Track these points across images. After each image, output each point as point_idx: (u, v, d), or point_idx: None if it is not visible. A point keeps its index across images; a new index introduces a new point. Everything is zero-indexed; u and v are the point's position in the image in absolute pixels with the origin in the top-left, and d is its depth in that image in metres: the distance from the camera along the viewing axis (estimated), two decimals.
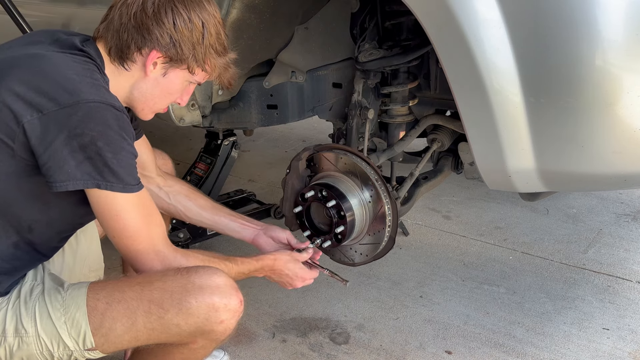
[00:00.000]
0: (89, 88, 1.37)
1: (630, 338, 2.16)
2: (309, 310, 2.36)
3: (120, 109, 1.40)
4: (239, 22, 1.95)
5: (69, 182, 1.33)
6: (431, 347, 2.14)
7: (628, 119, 1.44)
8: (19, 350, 1.42)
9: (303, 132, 4.32)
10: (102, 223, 1.43)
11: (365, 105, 2.07)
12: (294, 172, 1.95)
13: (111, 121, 1.36)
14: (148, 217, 1.45)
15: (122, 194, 1.38)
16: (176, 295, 1.42)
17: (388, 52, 2.01)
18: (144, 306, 1.42)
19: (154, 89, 1.53)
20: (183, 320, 1.42)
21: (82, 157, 1.33)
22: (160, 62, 1.48)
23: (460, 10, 1.43)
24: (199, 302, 1.42)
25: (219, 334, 1.48)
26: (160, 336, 1.45)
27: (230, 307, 1.45)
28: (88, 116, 1.33)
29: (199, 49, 1.48)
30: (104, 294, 1.44)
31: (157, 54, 1.47)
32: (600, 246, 2.75)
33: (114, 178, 1.36)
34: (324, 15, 2.07)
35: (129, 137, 1.40)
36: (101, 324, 1.41)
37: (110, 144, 1.35)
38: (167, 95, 1.55)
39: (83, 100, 1.33)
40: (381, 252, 1.93)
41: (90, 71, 1.42)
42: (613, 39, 1.38)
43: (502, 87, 1.48)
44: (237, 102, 2.18)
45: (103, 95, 1.38)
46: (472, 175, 2.17)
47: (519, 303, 2.37)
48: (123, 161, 1.37)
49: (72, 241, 1.76)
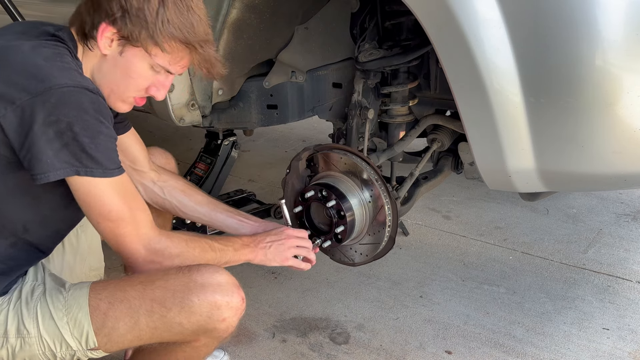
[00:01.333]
0: (59, 72, 1.32)
1: (631, 338, 2.16)
2: (309, 310, 2.36)
3: (95, 91, 1.36)
4: (239, 22, 1.95)
5: (50, 173, 1.30)
6: (431, 347, 2.14)
7: (628, 119, 1.44)
8: (21, 351, 1.42)
9: (303, 132, 4.32)
10: (84, 210, 1.40)
11: (365, 105, 2.07)
12: (294, 172, 1.95)
13: (86, 105, 1.31)
14: (131, 201, 1.41)
15: (103, 179, 1.34)
16: (178, 293, 1.42)
17: (388, 52, 2.01)
18: (147, 305, 1.41)
19: (114, 70, 1.43)
20: (185, 318, 1.42)
21: (59, 145, 1.29)
22: (116, 39, 1.40)
23: (460, 10, 1.43)
24: (201, 300, 1.42)
25: (221, 331, 1.47)
26: (163, 335, 1.45)
27: (232, 304, 1.45)
28: (62, 102, 1.29)
29: (151, 22, 1.36)
30: (106, 293, 1.44)
31: (108, 27, 1.38)
32: (600, 246, 2.75)
33: (93, 163, 1.32)
34: (324, 15, 2.07)
35: (106, 120, 1.35)
36: (104, 324, 1.41)
37: (87, 129, 1.30)
38: (128, 79, 1.44)
39: (55, 86, 1.29)
40: (381, 252, 1.93)
41: (61, 55, 1.37)
42: (613, 39, 1.38)
43: (502, 87, 1.48)
44: (237, 102, 2.18)
45: (75, 78, 1.33)
46: (472, 175, 2.17)
47: (519, 303, 2.37)
48: (101, 145, 1.33)
49: (72, 240, 1.76)
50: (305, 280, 2.54)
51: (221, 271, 1.47)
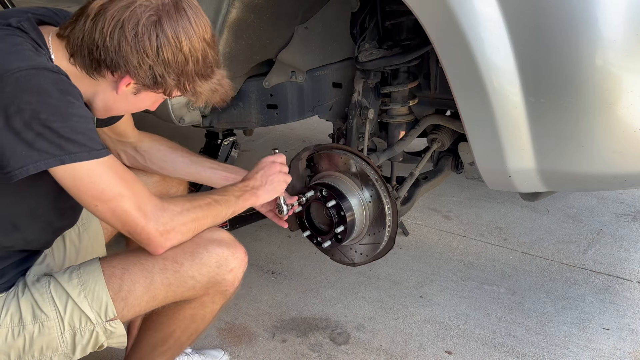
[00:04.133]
0: (8, 56, 1.21)
1: (631, 338, 2.16)
2: (309, 310, 2.36)
3: (55, 70, 1.25)
4: (239, 22, 1.95)
5: (29, 166, 1.22)
6: (431, 347, 2.14)
7: (628, 119, 1.44)
8: (39, 337, 1.41)
9: (303, 132, 4.31)
10: (76, 197, 1.33)
11: (365, 105, 2.07)
12: (294, 172, 1.95)
13: (47, 87, 1.21)
14: (123, 176, 1.36)
15: (90, 161, 1.27)
16: (188, 248, 1.47)
17: (388, 52, 2.01)
18: (159, 264, 1.46)
19: (121, 104, 1.42)
20: (197, 270, 1.48)
21: (31, 135, 1.20)
22: (134, 84, 1.35)
23: (460, 9, 1.43)
24: (210, 252, 1.49)
25: (228, 284, 1.54)
26: (176, 291, 1.49)
27: (237, 255, 1.53)
28: (19, 88, 1.19)
29: (181, 79, 1.35)
30: (118, 260, 1.48)
31: (132, 80, 1.33)
32: (601, 246, 2.74)
33: (75, 147, 1.24)
34: (324, 15, 2.07)
35: (75, 99, 1.26)
36: (120, 287, 1.44)
37: (56, 113, 1.21)
38: (133, 109, 1.48)
39: (7, 72, 1.19)
40: (381, 252, 1.93)
41: (11, 37, 1.26)
42: (613, 39, 1.38)
43: (502, 86, 1.48)
44: (237, 102, 2.18)
45: (29, 59, 1.23)
46: (472, 175, 2.17)
47: (519, 303, 2.37)
48: (77, 127, 1.25)
49: (74, 239, 1.75)
50: (305, 280, 2.54)
51: (221, 230, 1.56)
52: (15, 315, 1.41)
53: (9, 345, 1.40)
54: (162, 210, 1.41)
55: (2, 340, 1.40)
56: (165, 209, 1.42)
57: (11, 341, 1.40)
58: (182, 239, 1.47)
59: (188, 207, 1.48)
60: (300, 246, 2.76)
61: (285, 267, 2.65)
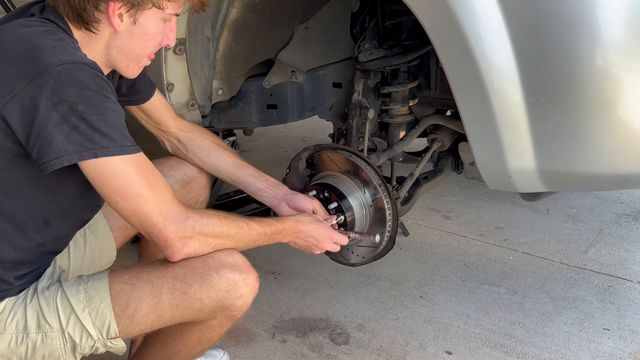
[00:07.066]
0: (51, 50, 1.26)
1: (631, 338, 2.16)
2: (309, 310, 2.36)
3: (92, 66, 1.30)
4: (239, 22, 1.95)
5: (63, 158, 1.24)
6: (431, 348, 2.14)
7: (628, 119, 1.44)
8: (42, 346, 1.41)
9: (303, 132, 4.31)
10: (99, 189, 1.33)
11: (365, 105, 2.07)
12: (294, 172, 1.95)
13: (86, 80, 1.26)
14: (150, 176, 1.36)
15: (120, 157, 1.29)
16: (199, 270, 1.44)
17: (388, 51, 2.01)
18: (168, 283, 1.43)
19: (131, 41, 1.41)
20: (205, 294, 1.45)
21: (67, 128, 1.23)
22: (125, 12, 1.36)
23: (461, 9, 1.43)
24: (220, 276, 1.45)
25: (237, 309, 1.51)
26: (183, 312, 1.46)
27: (248, 281, 1.50)
28: (60, 81, 1.23)
29: None
30: (128, 276, 1.46)
31: (116, 4, 1.35)
32: (601, 246, 2.74)
33: (107, 141, 1.26)
34: (324, 15, 2.07)
35: (110, 94, 1.30)
36: (127, 305, 1.42)
37: (93, 106, 1.25)
38: (147, 42, 1.44)
39: (50, 65, 1.23)
40: (381, 252, 1.93)
41: (51, 32, 1.31)
42: (613, 39, 1.38)
43: (502, 86, 1.48)
44: (237, 102, 2.18)
45: (70, 54, 1.28)
46: (472, 175, 2.17)
47: (519, 303, 2.37)
48: (111, 122, 1.28)
49: (79, 242, 1.74)
50: (305, 280, 2.54)
51: (236, 252, 1.51)
52: (20, 322, 1.41)
53: (11, 351, 1.40)
54: (184, 217, 1.40)
55: (6, 345, 1.40)
56: (189, 217, 1.41)
57: (14, 347, 1.40)
58: (200, 249, 1.44)
59: (215, 221, 1.47)
60: None
61: (285, 267, 2.65)
